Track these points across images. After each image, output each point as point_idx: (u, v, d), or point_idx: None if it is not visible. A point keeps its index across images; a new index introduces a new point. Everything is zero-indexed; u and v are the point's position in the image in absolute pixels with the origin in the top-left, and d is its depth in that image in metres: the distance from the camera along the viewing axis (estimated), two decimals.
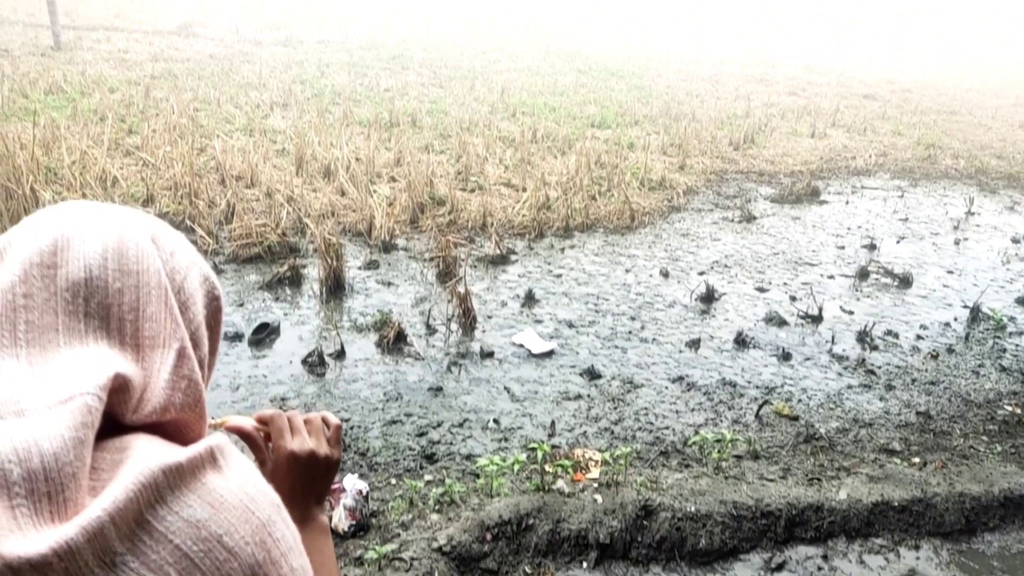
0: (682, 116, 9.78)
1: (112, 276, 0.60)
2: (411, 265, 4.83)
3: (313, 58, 12.12)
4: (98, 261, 0.60)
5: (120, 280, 0.60)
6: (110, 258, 0.60)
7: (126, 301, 0.60)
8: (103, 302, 0.59)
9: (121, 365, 0.58)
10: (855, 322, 4.42)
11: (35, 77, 8.50)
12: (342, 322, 4.01)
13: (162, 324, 0.62)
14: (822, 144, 9.02)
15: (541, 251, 5.26)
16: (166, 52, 11.41)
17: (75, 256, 0.59)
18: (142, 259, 0.62)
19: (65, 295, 0.58)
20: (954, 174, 8.30)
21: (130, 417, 0.59)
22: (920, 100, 13.19)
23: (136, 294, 0.61)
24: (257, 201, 5.41)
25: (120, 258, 0.61)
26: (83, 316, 0.58)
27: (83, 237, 0.60)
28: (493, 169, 6.78)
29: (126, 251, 0.62)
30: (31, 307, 0.57)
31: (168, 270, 0.64)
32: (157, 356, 0.61)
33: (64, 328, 0.57)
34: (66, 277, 0.58)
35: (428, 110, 8.82)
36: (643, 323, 4.26)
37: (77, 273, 0.59)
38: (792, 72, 16.01)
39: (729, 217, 6.25)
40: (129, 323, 0.60)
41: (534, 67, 13.44)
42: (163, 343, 0.62)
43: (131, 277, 0.61)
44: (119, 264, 0.61)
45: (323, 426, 0.84)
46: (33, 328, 0.56)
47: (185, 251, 0.68)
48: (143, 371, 0.60)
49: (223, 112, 7.81)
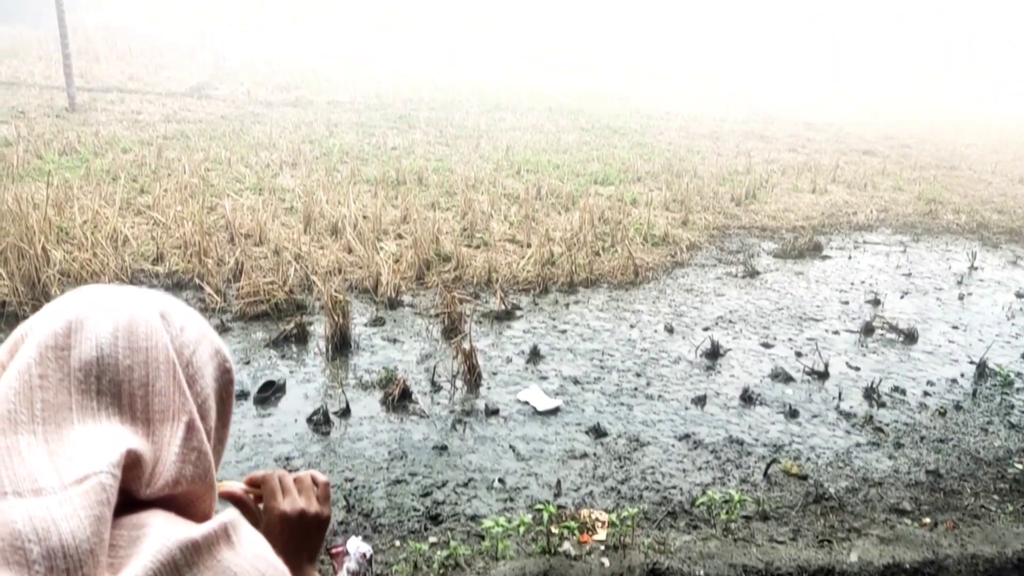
0: (684, 172, 9.92)
1: (122, 354, 0.63)
2: (417, 322, 4.86)
3: (322, 118, 12.40)
4: (109, 340, 0.63)
5: (130, 357, 0.63)
6: (120, 336, 0.64)
7: (136, 377, 0.63)
8: (114, 379, 0.62)
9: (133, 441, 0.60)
10: (862, 378, 4.41)
11: (49, 138, 8.71)
12: (347, 380, 4.02)
13: (171, 398, 0.65)
14: (823, 199, 9.12)
15: (546, 307, 5.29)
16: (179, 113, 11.70)
17: (87, 337, 0.62)
18: (151, 336, 0.65)
19: (78, 374, 0.61)
20: (956, 229, 8.37)
21: (144, 492, 0.62)
22: (919, 155, 13.36)
23: (145, 370, 0.64)
24: (265, 259, 5.47)
25: (130, 336, 0.64)
26: (95, 394, 0.61)
27: (95, 318, 0.64)
28: (498, 225, 6.87)
29: (136, 329, 0.65)
30: (47, 387, 0.59)
31: (177, 345, 0.67)
32: (167, 430, 0.64)
33: (78, 406, 0.60)
34: (79, 357, 0.61)
35: (434, 168, 8.98)
36: (648, 379, 4.25)
37: (89, 353, 0.62)
38: (791, 128, 16.28)
39: (732, 272, 6.29)
40: (139, 399, 0.63)
41: (538, 125, 13.71)
42: (172, 417, 0.64)
43: (140, 354, 0.64)
44: (129, 342, 0.64)
45: (312, 484, 0.86)
46: (49, 407, 0.59)
47: (195, 326, 0.71)
48: (154, 445, 0.63)
49: (234, 171, 7.97)
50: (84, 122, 10.19)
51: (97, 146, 8.61)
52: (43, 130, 9.20)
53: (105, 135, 9.27)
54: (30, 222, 4.78)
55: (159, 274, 5.15)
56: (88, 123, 10.11)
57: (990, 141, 16.88)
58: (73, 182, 6.73)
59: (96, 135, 9.18)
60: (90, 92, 12.94)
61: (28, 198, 5.42)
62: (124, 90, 13.73)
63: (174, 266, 5.21)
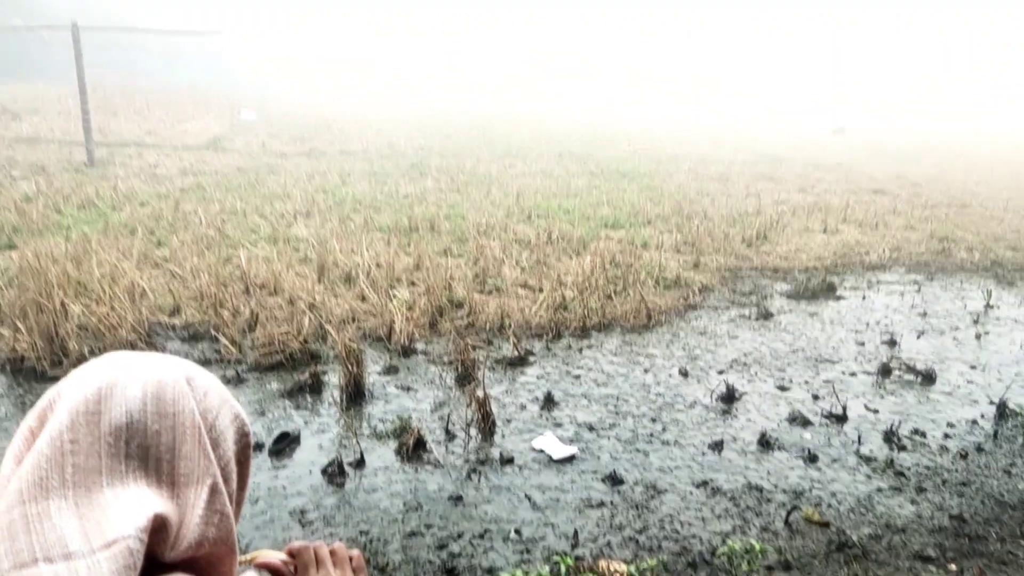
0: (694, 215, 9.98)
1: (151, 419, 0.66)
2: (430, 369, 4.86)
3: (335, 168, 12.61)
4: (138, 406, 0.66)
5: (158, 422, 0.66)
6: (149, 402, 0.66)
7: (163, 442, 0.66)
8: (142, 444, 0.65)
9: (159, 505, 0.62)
10: (880, 421, 4.35)
11: (68, 193, 8.90)
12: (362, 430, 4.01)
13: (196, 462, 0.67)
14: (835, 240, 9.12)
15: (559, 352, 5.28)
16: (195, 166, 11.94)
17: (117, 402, 0.65)
18: (178, 401, 0.68)
19: (108, 439, 0.63)
20: (970, 267, 8.33)
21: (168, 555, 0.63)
22: (930, 194, 13.38)
23: (172, 435, 0.66)
24: (280, 309, 5.52)
25: (158, 401, 0.67)
26: (124, 458, 0.63)
27: (125, 384, 0.66)
28: (510, 271, 6.91)
29: (163, 394, 0.67)
30: (77, 451, 0.62)
31: (201, 410, 0.70)
32: (191, 493, 0.66)
33: (107, 470, 0.62)
34: (109, 422, 0.64)
35: (446, 215, 9.08)
36: (664, 425, 4.21)
37: (119, 418, 0.64)
38: (799, 169, 16.38)
39: (746, 314, 6.27)
40: (166, 462, 0.65)
41: (548, 170, 13.87)
42: (197, 480, 0.67)
43: (168, 419, 0.67)
44: (157, 407, 0.66)
45: (347, 557, 0.88)
46: (79, 471, 0.61)
47: (217, 391, 0.74)
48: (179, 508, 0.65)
49: (249, 222, 8.09)
50: (103, 176, 10.41)
51: (115, 200, 8.79)
52: (62, 185, 9.41)
53: (123, 189, 9.46)
54: (49, 277, 4.86)
55: (175, 326, 5.20)
56: (107, 177, 10.33)
57: (1001, 178, 16.89)
58: (92, 236, 6.86)
59: (114, 189, 9.37)
60: (108, 147, 13.25)
61: (47, 253, 5.53)
62: (142, 144, 14.05)
63: (190, 318, 5.26)
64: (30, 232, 6.99)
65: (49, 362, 4.40)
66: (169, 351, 4.86)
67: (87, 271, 5.78)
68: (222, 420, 0.73)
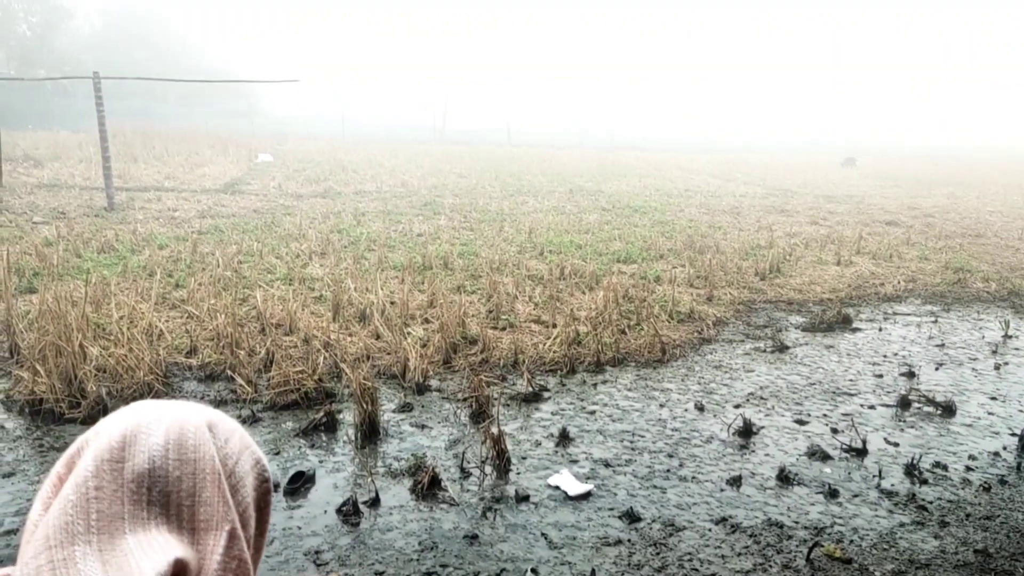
0: (706, 248, 9.99)
1: (172, 465, 0.68)
2: (444, 406, 4.86)
3: (350, 208, 12.77)
4: (160, 452, 0.68)
5: (179, 468, 0.68)
6: (171, 448, 0.69)
7: (184, 488, 0.68)
8: (164, 490, 0.67)
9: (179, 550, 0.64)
10: (901, 454, 4.29)
11: (88, 237, 9.06)
12: (376, 468, 4.01)
13: (215, 508, 0.69)
14: (849, 271, 9.09)
15: (573, 387, 5.27)
16: (213, 209, 12.13)
17: (141, 449, 0.68)
18: (199, 447, 0.70)
19: (131, 485, 0.66)
20: (986, 297, 8.26)
21: None
22: (943, 225, 13.33)
23: (193, 480, 0.68)
24: (295, 348, 5.56)
25: (180, 448, 0.69)
26: (146, 504, 0.66)
27: (149, 431, 0.69)
28: (523, 307, 6.93)
29: (185, 441, 0.70)
30: (102, 498, 0.64)
31: (222, 456, 0.72)
32: (211, 538, 0.68)
33: (130, 516, 0.65)
34: (132, 469, 0.66)
35: (459, 252, 9.15)
36: (681, 460, 4.17)
37: (142, 465, 0.67)
38: (811, 201, 16.39)
39: (761, 347, 6.24)
40: (186, 508, 0.67)
41: (559, 207, 13.97)
42: (216, 526, 0.68)
43: (189, 465, 0.69)
44: (179, 454, 0.69)
45: None
46: (103, 517, 0.63)
47: (239, 437, 0.76)
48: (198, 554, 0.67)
49: (265, 263, 8.19)
50: (122, 220, 10.60)
51: (134, 243, 8.93)
52: (83, 229, 9.58)
53: (142, 232, 9.62)
54: (69, 320, 4.93)
55: (192, 366, 5.25)
56: (126, 221, 10.52)
57: (1014, 207, 16.81)
58: (111, 279, 6.96)
59: (134, 233, 9.53)
60: (128, 192, 13.51)
61: (67, 296, 5.61)
62: (161, 188, 14.31)
63: (207, 358, 5.30)
64: (50, 276, 7.11)
65: (67, 404, 4.44)
66: (185, 391, 4.89)
67: (106, 313, 5.86)
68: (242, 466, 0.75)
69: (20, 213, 10.89)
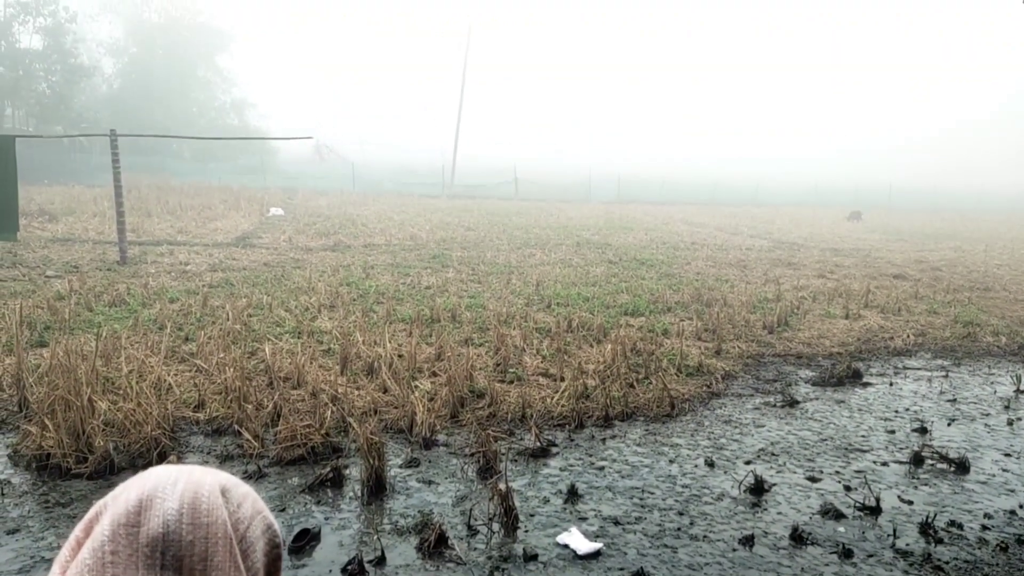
0: (713, 301, 10.00)
1: (186, 530, 0.70)
2: (451, 461, 4.82)
3: (359, 261, 12.88)
4: (175, 517, 0.70)
5: (192, 533, 0.70)
6: (185, 513, 0.71)
7: (196, 552, 0.70)
8: (176, 554, 0.69)
9: None
10: (915, 512, 4.21)
11: (100, 291, 9.15)
12: (383, 525, 3.96)
13: (226, 572, 0.71)
14: (857, 325, 9.06)
15: (582, 442, 5.22)
16: (224, 262, 12.27)
17: (156, 514, 0.70)
18: (212, 512, 0.72)
19: (145, 550, 0.68)
20: (996, 351, 8.20)
21: None
22: (951, 278, 13.33)
23: (205, 545, 0.71)
24: (303, 402, 5.55)
25: (193, 513, 0.71)
26: (160, 568, 0.68)
27: (164, 496, 0.71)
28: (531, 360, 6.92)
29: (199, 505, 0.72)
30: (117, 562, 0.66)
31: (234, 521, 0.74)
32: None
33: None
34: (147, 534, 0.69)
35: (467, 305, 9.19)
36: (692, 518, 4.11)
37: (156, 530, 0.69)
38: (817, 255, 16.44)
39: (771, 402, 6.19)
40: (198, 572, 0.69)
41: (566, 259, 14.06)
42: None
43: (201, 529, 0.71)
44: (192, 518, 0.71)
45: None
46: None
47: (251, 502, 0.78)
48: None
49: (274, 316, 8.24)
50: (134, 274, 10.72)
51: (145, 297, 9.02)
52: (95, 283, 9.69)
53: (154, 286, 9.72)
54: (78, 374, 4.96)
55: (199, 420, 5.24)
56: (138, 275, 10.64)
57: (1021, 260, 16.81)
58: (121, 333, 7.01)
59: (145, 286, 9.63)
60: (141, 245, 13.70)
61: (78, 350, 5.65)
62: (173, 242, 14.50)
63: (214, 412, 5.30)
64: (61, 330, 7.17)
65: (74, 459, 4.43)
66: (192, 446, 4.88)
67: (115, 367, 5.88)
68: (253, 531, 0.76)
69: (33, 267, 11.04)
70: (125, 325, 7.47)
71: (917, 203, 43.59)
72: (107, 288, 9.32)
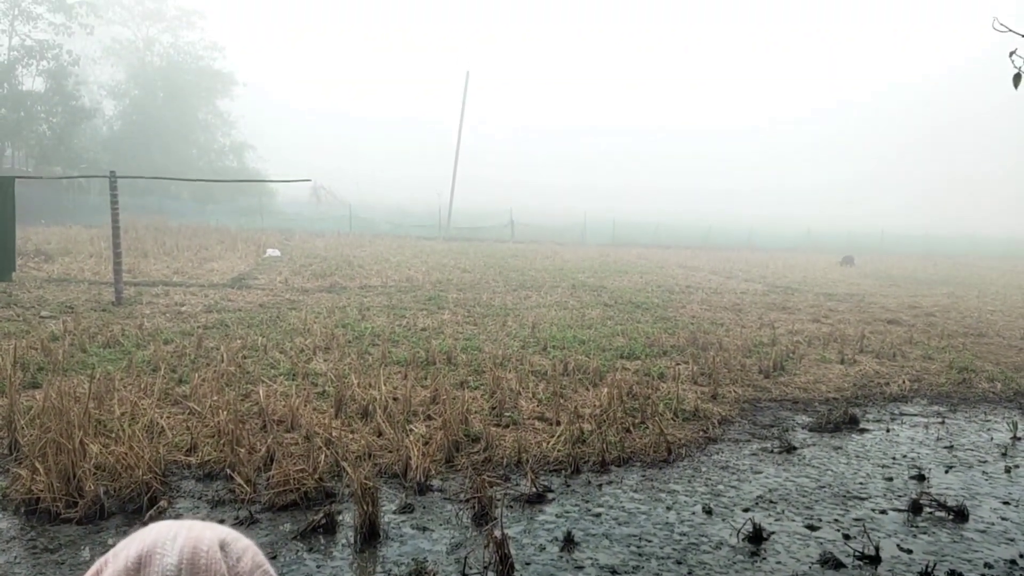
0: (709, 345, 10.00)
1: None
2: (446, 507, 4.76)
3: (355, 302, 12.89)
4: (173, 573, 0.71)
5: None
6: (184, 569, 0.72)
7: None
8: None
9: None
10: (915, 562, 4.17)
11: (95, 332, 9.12)
12: (376, 573, 3.89)
13: None
14: (853, 370, 9.07)
15: (578, 488, 5.17)
16: (220, 303, 12.26)
17: (155, 570, 0.71)
18: (210, 566, 0.74)
19: None
20: (992, 397, 8.20)
21: None
22: (945, 324, 13.38)
23: None
24: (296, 445, 5.50)
25: (192, 568, 0.73)
26: None
27: (163, 551, 0.73)
28: (526, 403, 6.89)
29: (198, 560, 0.73)
30: None
31: (232, 575, 0.75)
32: None
33: None
34: None
35: (463, 347, 9.17)
36: (690, 568, 4.06)
37: None
38: (812, 299, 16.51)
39: (768, 448, 6.16)
40: None
41: (562, 302, 14.09)
42: None
43: None
44: (191, 573, 0.72)
45: None
46: None
47: (251, 556, 0.79)
48: None
49: (269, 358, 8.21)
50: (129, 315, 10.70)
51: (140, 338, 8.98)
52: (89, 324, 9.66)
53: (149, 327, 9.69)
54: (70, 416, 4.91)
55: (191, 464, 5.18)
56: (133, 316, 10.62)
57: (1015, 306, 16.91)
58: (115, 374, 6.97)
59: (140, 327, 9.60)
60: (137, 286, 13.69)
61: (70, 392, 5.61)
62: (169, 283, 14.50)
63: (206, 456, 5.25)
64: (55, 371, 7.13)
65: (64, 504, 4.37)
66: (183, 491, 4.81)
67: (108, 410, 5.84)
68: None
69: (28, 307, 11.02)
70: (119, 366, 7.43)
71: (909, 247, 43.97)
72: (102, 329, 9.29)
